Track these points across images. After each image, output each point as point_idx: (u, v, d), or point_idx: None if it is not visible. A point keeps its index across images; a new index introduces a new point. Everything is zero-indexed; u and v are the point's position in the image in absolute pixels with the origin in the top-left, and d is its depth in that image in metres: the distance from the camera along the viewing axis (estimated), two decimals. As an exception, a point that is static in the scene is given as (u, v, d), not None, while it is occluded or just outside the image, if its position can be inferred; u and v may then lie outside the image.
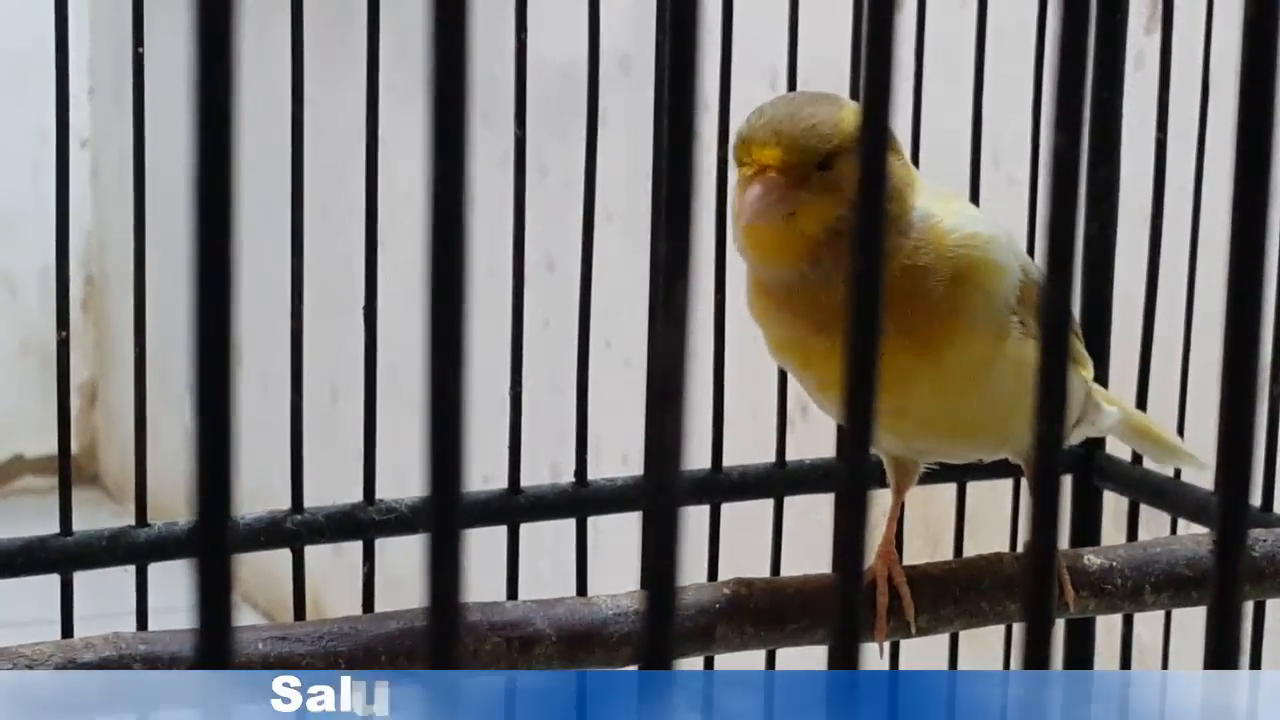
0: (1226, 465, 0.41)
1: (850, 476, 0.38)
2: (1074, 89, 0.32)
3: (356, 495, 1.00)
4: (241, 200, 1.03)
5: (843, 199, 0.77)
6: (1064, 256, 0.32)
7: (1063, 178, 0.32)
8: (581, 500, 1.03)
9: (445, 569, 0.33)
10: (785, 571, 1.01)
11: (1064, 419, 0.34)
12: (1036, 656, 0.38)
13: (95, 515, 2.76)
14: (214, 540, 0.36)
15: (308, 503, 1.00)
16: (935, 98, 1.14)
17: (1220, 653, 0.42)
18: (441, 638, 0.33)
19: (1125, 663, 1.09)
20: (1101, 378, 1.05)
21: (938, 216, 0.80)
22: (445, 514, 0.35)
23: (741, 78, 1.07)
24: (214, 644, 0.35)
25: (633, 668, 0.76)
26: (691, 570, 1.14)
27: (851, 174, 0.77)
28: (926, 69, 1.11)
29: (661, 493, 0.32)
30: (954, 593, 0.81)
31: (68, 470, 0.96)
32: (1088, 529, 1.10)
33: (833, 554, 0.39)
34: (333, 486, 1.11)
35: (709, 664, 1.00)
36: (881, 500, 0.92)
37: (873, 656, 0.86)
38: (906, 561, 1.14)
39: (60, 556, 0.94)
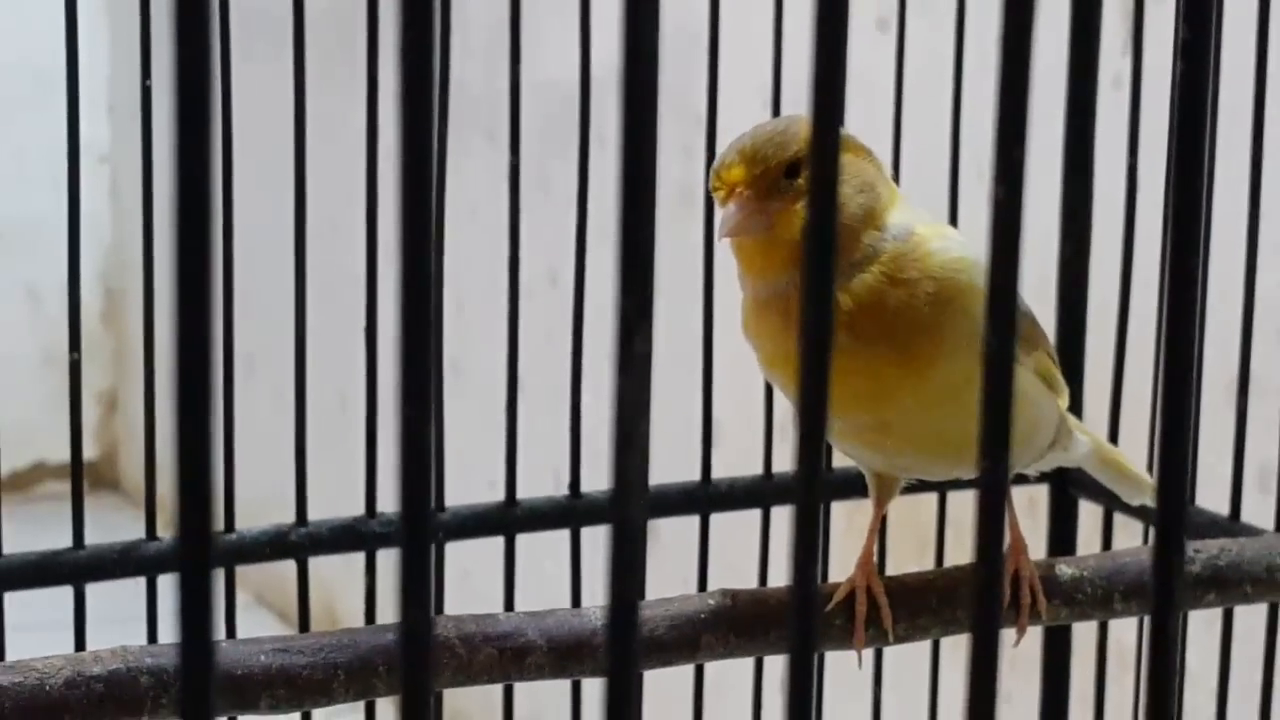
0: (1164, 484, 0.41)
1: (804, 491, 0.38)
2: (1014, 142, 0.33)
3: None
4: (248, 213, 1.02)
5: None
6: (1006, 309, 0.32)
7: (1003, 232, 0.33)
8: (576, 511, 1.04)
9: (417, 599, 0.34)
10: (773, 580, 1.02)
11: (1006, 471, 0.35)
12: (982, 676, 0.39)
13: (115, 521, 2.77)
14: (197, 557, 0.36)
15: (319, 507, 1.01)
16: (917, 112, 1.14)
17: (1158, 668, 0.42)
18: (414, 674, 0.33)
19: (1101, 664, 1.10)
20: (1076, 396, 1.05)
21: (922, 235, 0.80)
22: (416, 545, 0.35)
23: (735, 95, 1.08)
24: (198, 662, 0.36)
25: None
26: (682, 580, 1.14)
27: None
28: (910, 83, 1.12)
29: (625, 529, 0.33)
30: (931, 603, 0.82)
31: (80, 485, 0.97)
32: (1064, 536, 1.11)
33: (790, 566, 0.40)
34: (344, 490, 1.12)
35: (699, 671, 1.01)
36: (863, 513, 0.92)
37: (851, 662, 0.87)
38: (894, 564, 1.14)
39: (73, 569, 0.95)
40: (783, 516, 1.09)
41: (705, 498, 1.07)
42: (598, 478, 1.08)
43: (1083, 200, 1.09)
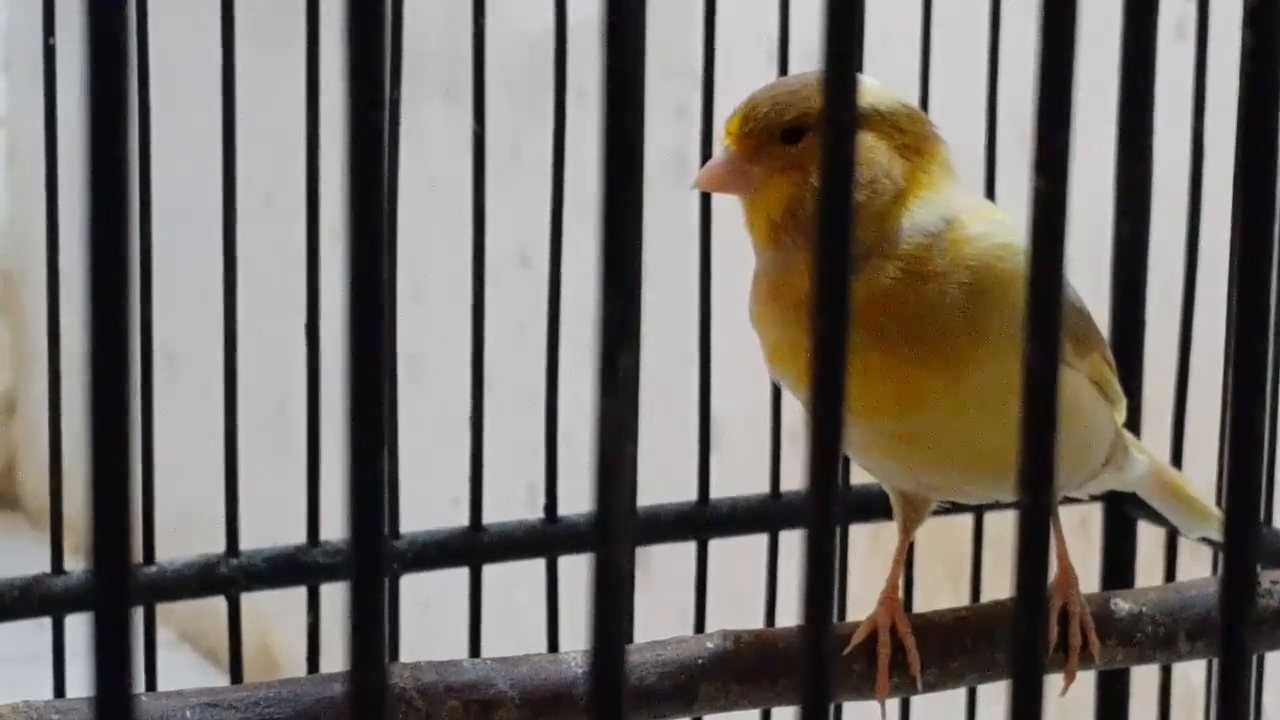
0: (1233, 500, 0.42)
1: (817, 513, 0.38)
2: (1058, 128, 0.33)
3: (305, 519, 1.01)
4: (168, 186, 1.02)
5: (803, 178, 0.79)
6: (1050, 320, 0.33)
7: (1046, 225, 0.33)
8: (553, 538, 1.03)
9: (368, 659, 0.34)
10: (782, 618, 1.02)
11: (1050, 505, 0.35)
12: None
13: (13, 545, 2.77)
14: (112, 609, 0.36)
15: (253, 534, 1.01)
16: (947, 63, 1.14)
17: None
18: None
19: (1164, 708, 1.10)
20: (1134, 403, 1.05)
21: (963, 221, 0.80)
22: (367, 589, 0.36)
23: (735, 46, 1.08)
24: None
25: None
26: (676, 617, 1.14)
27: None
28: (939, 29, 1.12)
29: (608, 572, 0.33)
30: (965, 644, 0.82)
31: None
32: (1120, 563, 1.11)
33: (801, 601, 0.40)
34: (282, 514, 1.12)
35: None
36: (889, 533, 0.93)
37: (873, 714, 0.87)
38: (923, 593, 1.14)
39: (-32, 608, 0.95)
40: (793, 542, 1.09)
41: (703, 520, 1.07)
42: (578, 496, 1.08)
43: (1141, 171, 1.09)
